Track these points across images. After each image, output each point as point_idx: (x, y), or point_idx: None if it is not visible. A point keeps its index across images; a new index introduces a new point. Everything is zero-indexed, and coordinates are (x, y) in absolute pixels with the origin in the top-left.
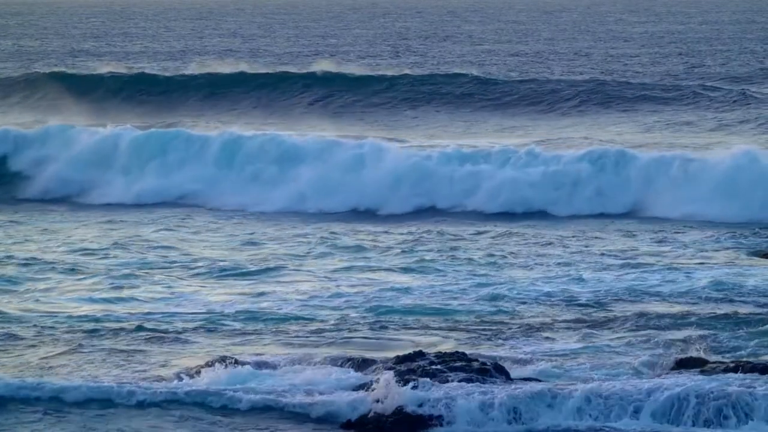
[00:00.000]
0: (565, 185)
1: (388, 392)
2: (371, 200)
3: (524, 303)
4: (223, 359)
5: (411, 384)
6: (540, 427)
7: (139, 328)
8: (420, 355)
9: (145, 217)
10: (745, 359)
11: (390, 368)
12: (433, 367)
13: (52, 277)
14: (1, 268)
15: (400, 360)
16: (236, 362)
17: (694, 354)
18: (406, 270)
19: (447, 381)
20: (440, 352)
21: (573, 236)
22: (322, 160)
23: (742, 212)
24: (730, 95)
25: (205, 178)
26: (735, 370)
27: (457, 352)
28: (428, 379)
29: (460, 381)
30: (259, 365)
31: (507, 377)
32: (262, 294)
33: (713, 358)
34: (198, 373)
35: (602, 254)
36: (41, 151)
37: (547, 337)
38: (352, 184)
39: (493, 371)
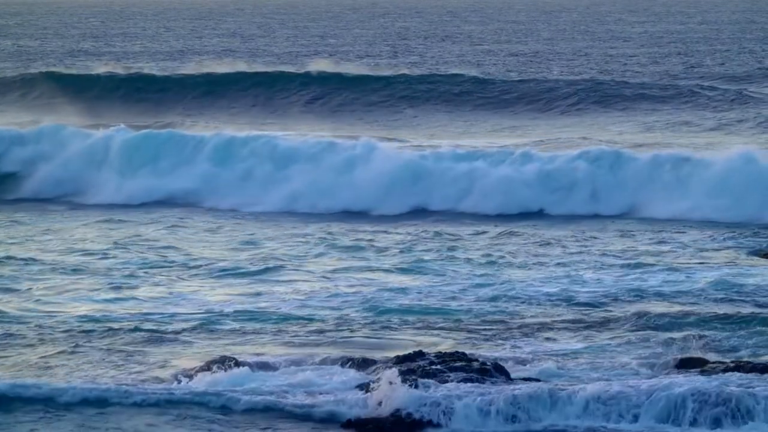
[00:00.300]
0: (562, 185)
1: (389, 392)
2: (368, 200)
3: (524, 303)
4: (222, 360)
5: (411, 384)
6: (540, 428)
7: (138, 328)
8: (420, 355)
9: (143, 217)
10: (745, 359)
11: (390, 368)
12: (433, 367)
13: (52, 277)
14: (1, 268)
15: (400, 360)
16: (236, 363)
17: (694, 354)
18: (405, 270)
19: (447, 381)
20: (440, 352)
21: (572, 236)
22: (318, 160)
23: (741, 212)
24: (729, 95)
25: (201, 179)
26: (735, 370)
27: (457, 352)
28: (428, 379)
29: (460, 381)
30: (259, 365)
31: (507, 377)
32: (261, 294)
33: (713, 358)
34: (197, 373)
35: (602, 254)
36: (36, 151)
37: (547, 337)
38: (348, 185)
39: (493, 371)
